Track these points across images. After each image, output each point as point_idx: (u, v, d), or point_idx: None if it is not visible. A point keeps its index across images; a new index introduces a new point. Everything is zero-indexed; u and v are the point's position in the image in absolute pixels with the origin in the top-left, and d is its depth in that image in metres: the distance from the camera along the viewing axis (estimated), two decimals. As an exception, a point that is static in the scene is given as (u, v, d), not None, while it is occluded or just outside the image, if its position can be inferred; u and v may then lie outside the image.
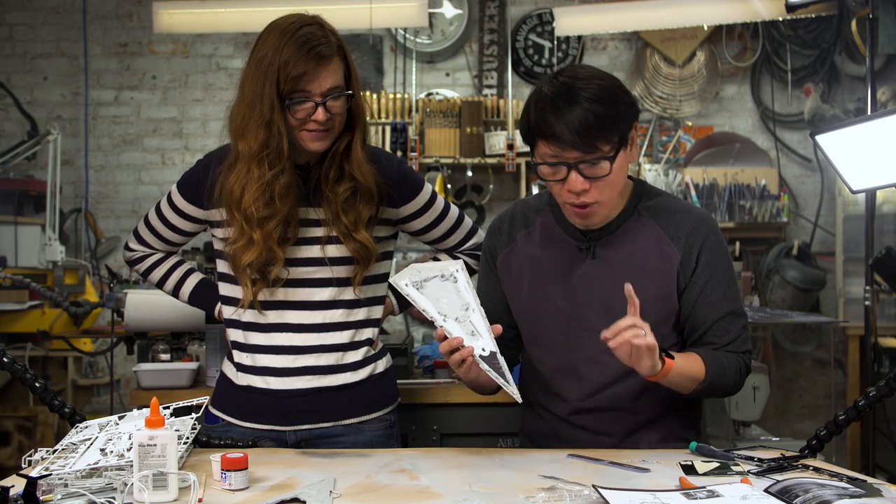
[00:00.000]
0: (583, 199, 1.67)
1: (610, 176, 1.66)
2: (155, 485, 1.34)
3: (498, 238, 1.89)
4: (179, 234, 2.00)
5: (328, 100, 1.72)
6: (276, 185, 1.74)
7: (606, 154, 1.64)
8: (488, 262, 1.91)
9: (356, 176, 1.80)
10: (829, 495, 1.28)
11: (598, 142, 1.62)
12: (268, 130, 1.72)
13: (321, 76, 1.71)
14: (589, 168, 1.64)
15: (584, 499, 1.35)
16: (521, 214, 1.88)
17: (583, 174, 1.64)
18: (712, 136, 5.06)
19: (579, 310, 1.77)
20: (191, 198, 1.91)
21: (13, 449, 3.98)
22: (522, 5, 5.18)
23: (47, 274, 4.32)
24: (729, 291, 1.76)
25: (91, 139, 5.18)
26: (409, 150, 4.70)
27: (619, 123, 1.65)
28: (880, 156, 2.26)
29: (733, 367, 1.73)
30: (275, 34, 1.73)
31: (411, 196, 1.92)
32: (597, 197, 1.67)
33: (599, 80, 1.66)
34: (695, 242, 1.75)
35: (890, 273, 3.00)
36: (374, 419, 1.91)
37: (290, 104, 1.71)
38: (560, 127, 1.61)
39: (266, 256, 1.78)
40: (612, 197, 1.71)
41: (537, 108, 1.66)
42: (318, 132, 1.75)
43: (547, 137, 1.64)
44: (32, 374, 1.72)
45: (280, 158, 1.73)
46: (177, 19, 4.31)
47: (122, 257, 2.11)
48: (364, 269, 1.85)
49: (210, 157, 1.90)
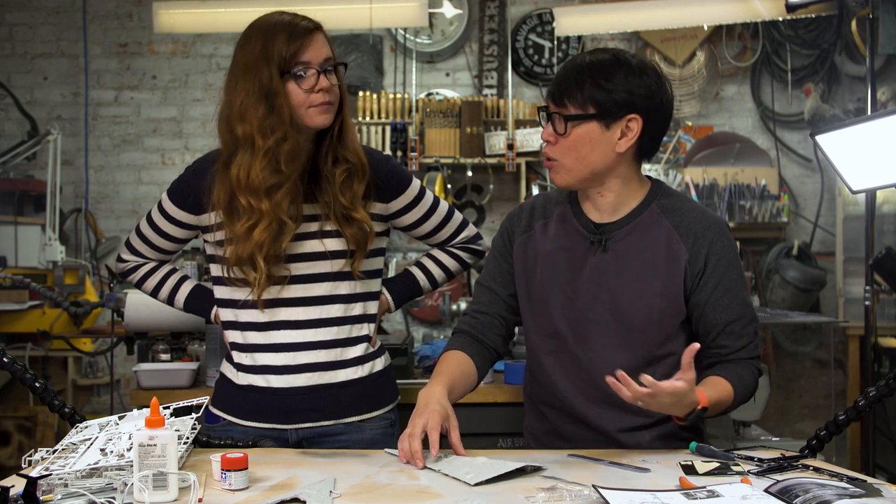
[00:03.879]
0: (546, 151, 1.77)
1: (567, 138, 1.73)
2: (155, 485, 1.34)
3: (517, 224, 1.92)
4: (171, 242, 2.01)
5: (326, 70, 1.78)
6: (281, 151, 1.76)
7: (568, 113, 1.71)
8: (505, 243, 1.93)
9: (350, 157, 1.84)
10: (829, 495, 1.28)
11: (569, 101, 1.71)
12: (268, 102, 1.75)
13: (315, 46, 1.78)
14: (558, 123, 1.73)
15: (584, 499, 1.35)
16: (541, 206, 1.91)
17: (553, 126, 1.74)
18: (712, 136, 5.06)
19: (587, 302, 1.78)
20: (182, 204, 1.92)
21: (13, 449, 3.98)
22: (522, 5, 5.18)
23: (47, 274, 4.32)
24: (740, 294, 1.77)
25: (91, 139, 5.18)
26: (409, 150, 4.70)
27: (600, 97, 1.70)
28: (880, 156, 2.27)
29: (752, 378, 1.76)
30: (257, 29, 1.80)
31: (400, 190, 1.93)
32: (556, 154, 1.75)
33: (620, 64, 1.72)
34: (704, 243, 1.76)
35: (890, 273, 3.00)
36: (375, 418, 1.92)
37: (295, 73, 1.76)
38: (556, 78, 1.75)
39: (276, 230, 1.77)
40: (572, 164, 1.75)
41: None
42: (324, 104, 1.78)
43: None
44: (32, 374, 1.72)
45: (282, 124, 1.75)
46: (177, 19, 4.31)
47: (115, 269, 2.12)
48: (362, 255, 1.86)
49: (199, 163, 1.93)
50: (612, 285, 1.77)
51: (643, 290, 1.75)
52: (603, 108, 1.70)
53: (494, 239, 1.97)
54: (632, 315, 1.76)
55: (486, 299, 1.91)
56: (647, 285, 1.74)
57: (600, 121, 1.71)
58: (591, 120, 1.71)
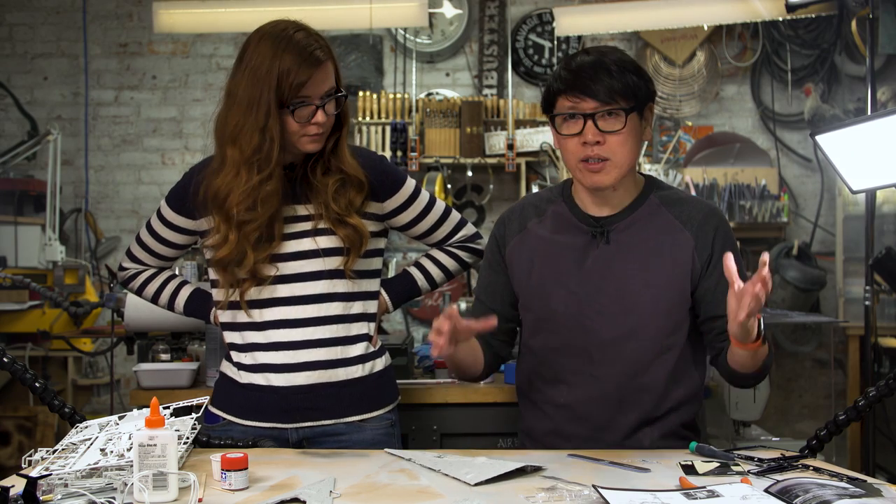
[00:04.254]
0: (596, 152, 1.72)
1: (623, 132, 1.71)
2: (155, 485, 1.34)
3: (508, 228, 1.92)
4: (171, 248, 2.03)
5: (325, 102, 1.78)
6: (262, 191, 1.78)
7: (622, 106, 1.70)
8: (494, 253, 1.93)
9: (344, 168, 1.85)
10: (829, 495, 1.28)
11: (616, 95, 1.70)
12: (262, 136, 1.75)
13: (320, 81, 1.77)
14: (603, 120, 1.71)
15: (584, 499, 1.35)
16: (533, 205, 1.92)
17: (597, 126, 1.71)
18: (712, 136, 5.06)
19: (593, 294, 1.78)
20: (180, 209, 1.94)
21: (13, 449, 3.98)
22: (522, 5, 5.18)
23: (47, 274, 4.32)
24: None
25: (91, 139, 5.18)
26: (409, 150, 4.70)
27: (636, 90, 1.72)
28: (880, 156, 2.27)
29: (770, 357, 1.74)
30: (267, 41, 1.76)
31: (394, 190, 1.93)
32: (609, 153, 1.72)
33: (624, 53, 1.77)
34: (708, 229, 1.78)
35: (890, 273, 3.00)
36: (376, 417, 1.91)
37: (294, 108, 1.75)
38: (583, 79, 1.70)
39: (236, 256, 1.81)
40: (623, 158, 1.74)
41: (561, 67, 1.75)
42: (316, 135, 1.80)
43: (567, 90, 1.72)
44: (32, 374, 1.73)
45: (269, 163, 1.77)
46: (177, 19, 4.31)
47: (118, 278, 2.13)
48: (357, 254, 1.87)
49: (195, 169, 1.94)
50: (618, 275, 1.77)
51: (650, 278, 1.76)
52: (640, 97, 1.74)
53: (486, 248, 1.97)
54: (640, 304, 1.76)
55: (481, 312, 1.91)
56: (653, 273, 1.75)
57: (638, 111, 1.75)
58: (635, 110, 1.73)
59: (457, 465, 1.56)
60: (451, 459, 1.60)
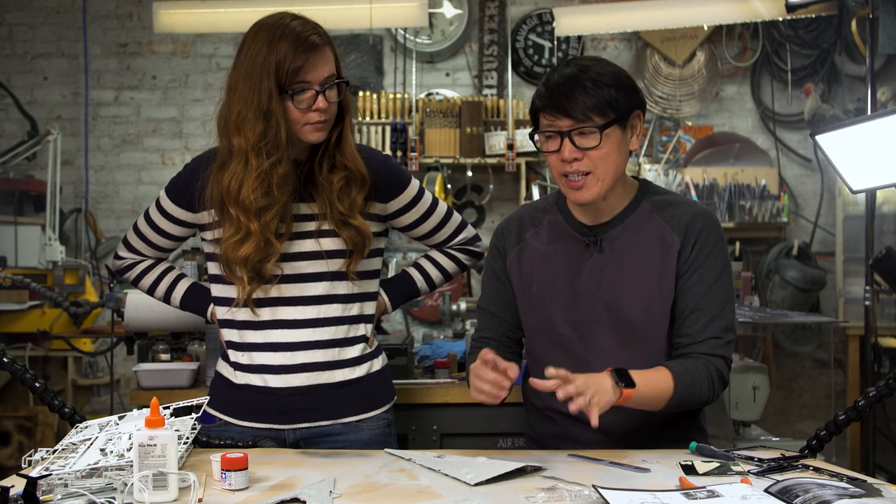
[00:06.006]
0: (576, 167, 1.72)
1: (601, 148, 1.71)
2: (155, 485, 1.34)
3: (507, 239, 1.92)
4: (169, 240, 2.00)
5: (326, 88, 1.76)
6: (275, 175, 1.76)
7: (597, 124, 1.69)
8: (498, 263, 1.93)
9: (349, 165, 1.83)
10: (829, 495, 1.28)
11: (591, 112, 1.69)
12: (266, 121, 1.74)
13: (318, 65, 1.76)
14: (580, 138, 1.70)
15: (584, 499, 1.35)
16: (528, 216, 1.92)
17: (574, 143, 1.70)
18: (712, 136, 5.06)
19: (589, 304, 1.79)
20: (180, 201, 1.92)
21: (13, 449, 3.98)
22: (522, 5, 5.18)
23: (47, 274, 4.31)
24: (715, 288, 1.75)
25: (91, 139, 5.18)
26: (409, 150, 4.70)
27: (616, 102, 1.70)
28: (880, 156, 2.27)
29: (704, 377, 1.70)
30: (264, 31, 1.76)
31: (399, 191, 1.93)
32: (589, 167, 1.72)
33: (605, 64, 1.75)
34: (692, 231, 1.77)
35: (890, 273, 3.00)
36: (373, 417, 1.91)
37: (293, 93, 1.74)
38: (557, 97, 1.70)
39: (263, 249, 1.78)
40: (606, 173, 1.73)
41: (542, 82, 1.76)
42: (319, 123, 1.78)
43: (545, 108, 1.73)
44: (32, 374, 1.72)
45: (278, 148, 1.75)
46: (177, 19, 4.31)
47: (112, 266, 2.11)
48: (360, 257, 1.86)
49: (198, 161, 1.92)
50: (612, 284, 1.78)
51: (642, 285, 1.76)
52: (619, 110, 1.71)
53: (487, 259, 1.97)
54: (632, 311, 1.76)
55: (490, 323, 1.92)
56: (644, 280, 1.76)
57: (619, 123, 1.72)
58: (613, 124, 1.71)
59: (457, 465, 1.56)
60: (451, 459, 1.60)
